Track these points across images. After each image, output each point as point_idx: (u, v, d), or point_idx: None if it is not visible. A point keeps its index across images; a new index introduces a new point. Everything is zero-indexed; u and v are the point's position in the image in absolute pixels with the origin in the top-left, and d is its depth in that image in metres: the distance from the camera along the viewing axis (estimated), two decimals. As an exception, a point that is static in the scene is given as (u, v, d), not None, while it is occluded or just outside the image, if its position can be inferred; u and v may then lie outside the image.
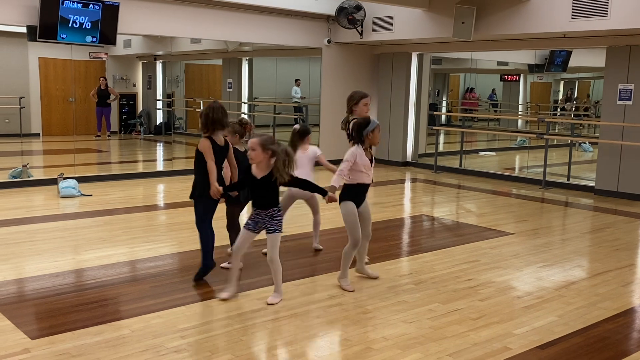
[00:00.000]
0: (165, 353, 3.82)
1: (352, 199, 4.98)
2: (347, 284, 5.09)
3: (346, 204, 4.96)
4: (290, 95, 15.98)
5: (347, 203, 4.96)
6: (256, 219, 4.69)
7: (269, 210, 4.66)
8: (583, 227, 7.96)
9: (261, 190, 4.65)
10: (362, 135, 4.90)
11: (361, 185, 5.00)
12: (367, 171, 4.97)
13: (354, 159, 4.88)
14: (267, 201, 4.66)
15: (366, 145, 4.96)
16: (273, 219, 4.66)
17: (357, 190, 5.00)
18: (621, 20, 8.51)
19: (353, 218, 4.95)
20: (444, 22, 10.44)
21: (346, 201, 4.97)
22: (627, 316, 4.73)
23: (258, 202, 4.68)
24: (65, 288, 5.03)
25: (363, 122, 4.95)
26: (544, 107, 17.80)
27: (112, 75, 15.01)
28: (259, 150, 4.55)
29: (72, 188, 8.79)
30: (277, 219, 4.67)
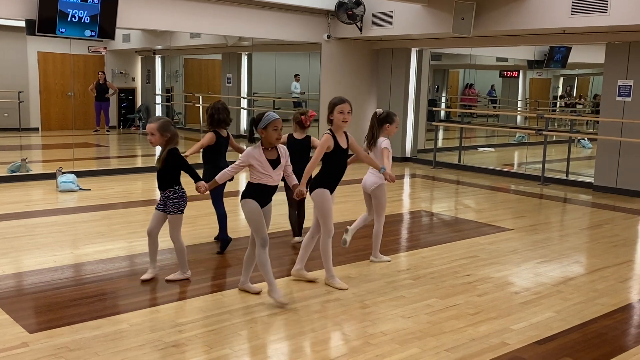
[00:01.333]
0: (163, 347, 3.83)
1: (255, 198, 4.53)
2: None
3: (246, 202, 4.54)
4: (290, 91, 15.97)
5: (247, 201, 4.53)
6: (161, 199, 5.04)
7: (165, 191, 4.97)
8: (581, 223, 7.97)
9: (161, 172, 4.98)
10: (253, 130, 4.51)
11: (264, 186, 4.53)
12: (270, 173, 4.48)
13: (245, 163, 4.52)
14: (164, 183, 4.97)
15: (265, 145, 4.48)
16: (170, 200, 4.96)
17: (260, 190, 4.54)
18: (621, 16, 8.50)
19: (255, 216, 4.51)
20: (443, 17, 10.43)
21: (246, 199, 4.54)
22: (625, 312, 4.74)
23: (159, 183, 5.02)
24: (63, 282, 5.04)
25: (258, 116, 4.47)
26: (543, 103, 17.80)
27: (111, 70, 15.01)
28: (157, 134, 4.86)
29: (70, 182, 8.78)
30: (174, 201, 4.97)
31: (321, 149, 4.92)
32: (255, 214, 4.52)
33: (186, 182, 5.04)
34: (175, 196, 4.99)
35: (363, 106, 13.16)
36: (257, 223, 4.52)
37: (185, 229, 6.77)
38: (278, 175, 4.56)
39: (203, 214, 7.58)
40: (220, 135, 5.95)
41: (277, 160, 4.53)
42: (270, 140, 4.44)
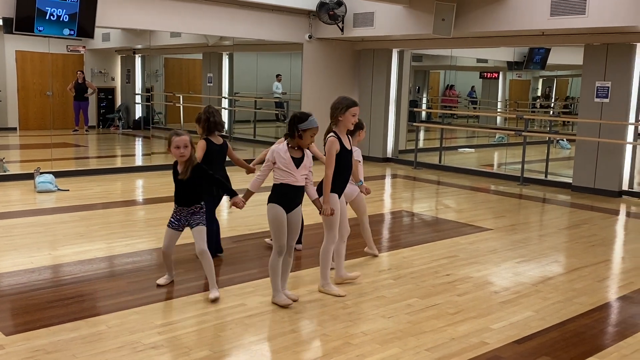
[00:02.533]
0: (142, 349, 3.79)
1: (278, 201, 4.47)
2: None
3: (271, 207, 4.47)
4: (272, 91, 15.93)
5: (272, 205, 4.46)
6: (180, 216, 4.77)
7: (190, 207, 4.74)
8: (560, 223, 8.04)
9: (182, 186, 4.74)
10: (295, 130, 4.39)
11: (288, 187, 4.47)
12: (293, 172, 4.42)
13: (273, 160, 4.43)
14: (191, 198, 4.73)
15: (294, 144, 4.44)
16: (195, 214, 4.74)
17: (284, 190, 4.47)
18: (599, 18, 8.60)
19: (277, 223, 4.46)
20: (424, 18, 10.47)
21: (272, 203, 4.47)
22: (603, 311, 4.79)
23: (181, 199, 4.75)
24: (41, 284, 4.97)
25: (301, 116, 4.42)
26: (522, 104, 17.95)
27: (90, 69, 14.84)
28: (190, 146, 4.66)
29: (48, 183, 8.68)
30: (200, 214, 4.76)
31: (331, 155, 4.64)
32: (277, 221, 4.45)
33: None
34: (202, 211, 4.78)
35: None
36: (277, 230, 4.47)
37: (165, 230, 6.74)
38: (301, 176, 4.47)
39: (183, 215, 7.53)
40: (212, 143, 5.45)
41: (301, 159, 4.46)
42: (304, 143, 4.44)
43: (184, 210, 4.75)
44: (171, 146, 4.62)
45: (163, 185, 9.64)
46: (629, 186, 9.91)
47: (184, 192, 4.73)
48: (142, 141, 15.02)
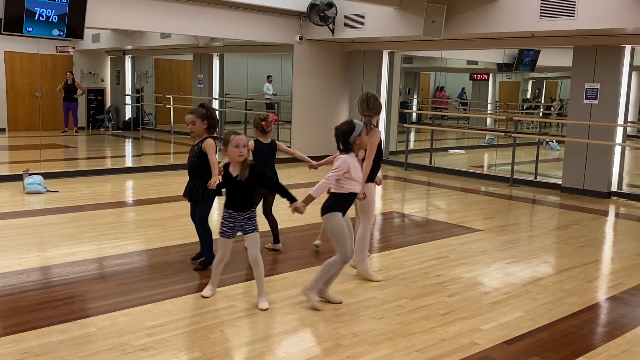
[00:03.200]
0: (131, 351, 3.77)
1: (340, 208, 4.52)
2: (315, 301, 4.57)
3: (334, 215, 4.47)
4: (262, 92, 15.92)
5: (334, 214, 4.47)
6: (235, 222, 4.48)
7: (247, 212, 4.47)
8: (550, 224, 8.08)
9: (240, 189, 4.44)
10: (349, 143, 4.46)
11: (353, 194, 4.57)
12: (358, 179, 4.53)
13: (347, 169, 4.42)
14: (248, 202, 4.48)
15: (355, 152, 4.52)
16: (251, 219, 4.48)
17: (348, 198, 4.56)
18: (588, 20, 8.65)
19: (342, 229, 4.48)
20: (414, 20, 10.50)
21: (333, 212, 4.48)
22: (592, 311, 4.81)
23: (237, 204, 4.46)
24: (30, 285, 4.94)
25: (347, 129, 4.46)
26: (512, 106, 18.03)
27: (79, 70, 14.79)
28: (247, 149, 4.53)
29: (37, 184, 8.63)
30: (254, 220, 4.50)
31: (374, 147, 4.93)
32: (343, 229, 4.46)
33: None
34: (255, 215, 4.53)
35: (335, 108, 13.18)
36: (344, 238, 4.47)
37: (155, 232, 6.73)
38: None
39: (172, 216, 7.51)
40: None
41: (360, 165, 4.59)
42: (363, 145, 4.55)
43: (239, 215, 4.46)
44: (229, 145, 4.32)
45: (153, 186, 9.61)
46: (618, 187, 9.97)
47: (241, 195, 4.45)
48: (132, 142, 14.97)
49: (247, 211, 4.47)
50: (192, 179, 5.31)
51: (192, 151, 5.29)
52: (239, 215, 4.46)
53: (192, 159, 5.27)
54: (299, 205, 4.39)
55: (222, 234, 4.53)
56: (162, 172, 10.87)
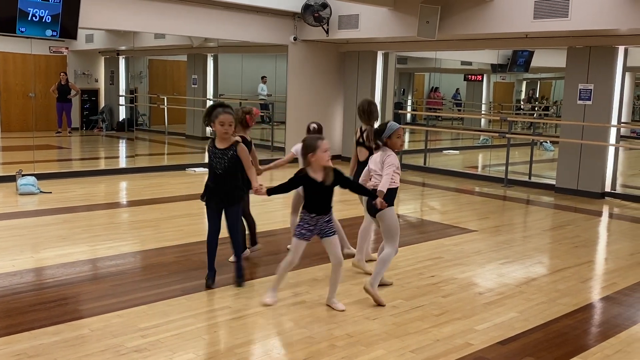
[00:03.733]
0: (125, 352, 3.76)
1: (393, 203, 4.83)
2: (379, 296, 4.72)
3: (392, 209, 4.78)
4: (257, 93, 15.91)
5: (392, 208, 4.78)
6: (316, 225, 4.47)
7: (327, 215, 4.49)
8: (544, 224, 8.10)
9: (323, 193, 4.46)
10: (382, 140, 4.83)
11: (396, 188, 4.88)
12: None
13: (398, 163, 4.81)
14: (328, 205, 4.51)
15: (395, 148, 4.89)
16: (330, 222, 4.51)
17: (396, 193, 4.88)
18: (581, 21, 8.67)
19: (397, 223, 4.86)
20: (409, 21, 10.51)
21: (391, 206, 4.77)
22: (586, 312, 4.82)
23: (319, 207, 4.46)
24: (23, 287, 4.92)
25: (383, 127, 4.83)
26: (506, 106, 18.07)
27: (73, 71, 14.74)
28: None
29: (31, 185, 8.59)
30: (332, 222, 4.56)
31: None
32: (397, 223, 4.80)
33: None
34: (332, 217, 4.58)
35: (330, 109, 13.18)
36: (398, 232, 4.83)
37: (149, 233, 6.71)
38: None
39: (166, 217, 7.49)
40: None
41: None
42: (396, 146, 4.82)
43: (321, 218, 4.45)
44: (319, 150, 4.31)
45: (147, 187, 9.59)
46: (612, 188, 10.00)
47: (324, 199, 4.46)
48: (126, 143, 14.93)
49: (328, 214, 4.51)
50: (224, 184, 4.90)
51: (221, 155, 4.83)
52: (321, 219, 4.46)
53: (225, 164, 4.82)
54: (380, 202, 4.60)
55: (301, 236, 4.47)
56: (156, 173, 10.85)
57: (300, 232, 4.48)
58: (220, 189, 4.89)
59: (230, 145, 4.82)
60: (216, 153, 4.85)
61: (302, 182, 4.45)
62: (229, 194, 4.92)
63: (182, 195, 8.99)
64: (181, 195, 9.03)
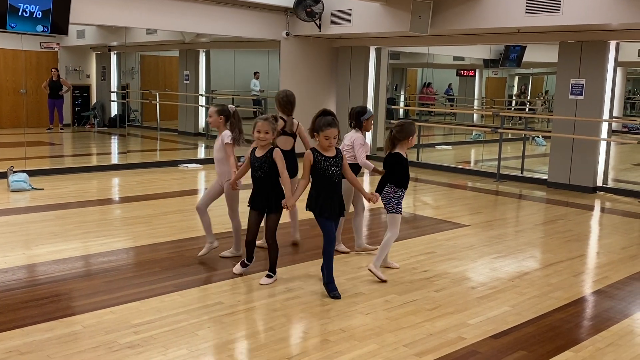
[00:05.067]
0: (118, 349, 3.75)
1: None
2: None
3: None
4: (249, 88, 15.87)
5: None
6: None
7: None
8: (536, 219, 8.13)
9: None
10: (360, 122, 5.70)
11: None
12: None
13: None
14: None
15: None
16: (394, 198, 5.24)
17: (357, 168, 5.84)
18: (573, 16, 8.69)
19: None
20: (401, 16, 10.50)
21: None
22: (578, 305, 4.85)
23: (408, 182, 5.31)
24: (14, 284, 4.89)
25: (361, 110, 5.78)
26: (498, 101, 18.11)
27: (64, 67, 14.65)
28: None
29: (22, 182, 8.55)
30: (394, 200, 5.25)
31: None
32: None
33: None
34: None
35: (322, 104, 13.15)
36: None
37: (141, 229, 6.70)
38: None
39: (159, 214, 7.47)
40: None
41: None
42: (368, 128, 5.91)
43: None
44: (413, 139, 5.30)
45: (139, 183, 9.56)
46: (603, 182, 10.05)
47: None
48: (118, 139, 14.87)
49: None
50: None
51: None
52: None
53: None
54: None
55: (400, 212, 5.25)
56: (149, 169, 10.81)
57: (400, 209, 5.26)
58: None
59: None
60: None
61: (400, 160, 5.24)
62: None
63: (174, 192, 8.97)
64: (174, 191, 9.01)
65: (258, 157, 4.94)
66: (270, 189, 4.94)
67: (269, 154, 4.90)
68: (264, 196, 4.95)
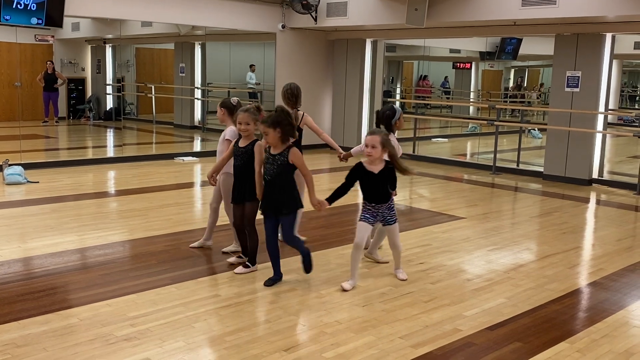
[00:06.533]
0: (114, 341, 3.75)
1: None
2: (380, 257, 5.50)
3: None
4: (245, 81, 15.84)
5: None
6: (374, 212, 4.86)
7: (388, 202, 4.90)
8: (532, 211, 8.14)
9: (380, 184, 4.84)
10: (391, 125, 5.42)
11: None
12: None
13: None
14: (386, 195, 4.89)
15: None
16: (392, 209, 4.94)
17: None
18: (569, 8, 8.68)
19: None
20: (397, 8, 10.47)
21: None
22: (573, 297, 4.86)
23: (376, 197, 4.85)
24: (10, 277, 4.89)
25: (391, 113, 5.44)
26: (494, 94, 18.11)
27: (59, 59, 14.61)
28: (379, 147, 4.73)
29: (17, 175, 8.53)
30: (394, 210, 4.97)
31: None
32: None
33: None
34: (394, 204, 5.02)
35: (318, 97, 13.15)
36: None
37: (137, 222, 6.69)
38: None
39: (155, 206, 7.47)
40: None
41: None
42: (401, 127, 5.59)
43: (381, 206, 4.88)
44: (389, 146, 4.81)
45: (135, 176, 9.55)
46: (599, 174, 10.06)
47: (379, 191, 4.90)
48: (113, 132, 14.84)
49: (388, 202, 4.91)
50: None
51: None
52: (381, 207, 4.87)
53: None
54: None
55: (365, 220, 4.86)
56: (144, 162, 10.79)
57: (365, 216, 4.88)
58: (269, 196, 4.76)
59: (281, 151, 4.68)
60: (267, 157, 4.78)
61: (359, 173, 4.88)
62: (280, 203, 4.75)
63: (170, 185, 8.96)
64: (170, 184, 9.00)
65: (240, 148, 4.96)
66: (246, 179, 4.91)
67: (250, 146, 4.92)
68: (240, 186, 4.95)
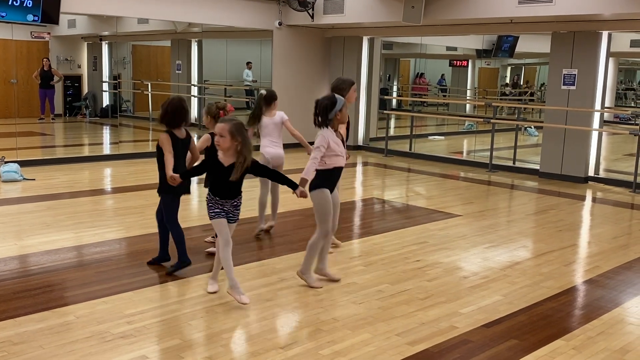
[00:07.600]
0: (111, 339, 3.75)
1: (327, 185, 4.62)
2: (313, 280, 4.73)
3: (321, 191, 4.57)
4: (242, 78, 15.81)
5: (322, 190, 4.57)
6: (224, 207, 4.34)
7: (234, 199, 4.37)
8: (528, 208, 8.16)
9: (228, 179, 4.25)
10: (328, 118, 4.52)
11: (337, 169, 4.66)
12: (341, 153, 4.62)
13: (327, 144, 4.49)
14: (235, 191, 4.36)
15: (335, 127, 4.59)
16: (237, 208, 4.41)
17: (332, 174, 4.65)
18: (565, 6, 8.69)
19: (328, 207, 4.59)
20: (394, 6, 10.47)
21: (321, 188, 4.58)
22: (569, 294, 4.88)
23: (224, 192, 4.32)
24: (6, 274, 4.88)
25: (329, 103, 4.52)
26: (491, 92, 18.13)
27: (55, 56, 14.56)
28: (228, 137, 4.17)
29: (14, 172, 8.51)
30: (239, 209, 4.43)
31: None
32: (328, 205, 4.60)
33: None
34: (239, 204, 4.45)
35: (315, 95, 13.10)
36: (327, 214, 4.61)
37: (134, 219, 6.69)
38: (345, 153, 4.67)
39: (151, 204, 7.43)
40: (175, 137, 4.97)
41: (343, 139, 4.70)
42: (343, 119, 4.66)
43: (227, 202, 4.34)
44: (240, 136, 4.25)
45: (131, 174, 9.53)
46: (595, 172, 10.09)
47: (229, 185, 4.31)
48: (109, 129, 14.81)
49: (236, 198, 4.38)
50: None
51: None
52: (231, 202, 4.35)
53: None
54: (302, 190, 4.48)
55: (217, 215, 4.31)
56: (141, 160, 10.77)
57: (215, 212, 4.32)
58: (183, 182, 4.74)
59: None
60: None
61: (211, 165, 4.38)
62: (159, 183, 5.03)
63: (167, 182, 8.94)
64: (166, 181, 8.98)
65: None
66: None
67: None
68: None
